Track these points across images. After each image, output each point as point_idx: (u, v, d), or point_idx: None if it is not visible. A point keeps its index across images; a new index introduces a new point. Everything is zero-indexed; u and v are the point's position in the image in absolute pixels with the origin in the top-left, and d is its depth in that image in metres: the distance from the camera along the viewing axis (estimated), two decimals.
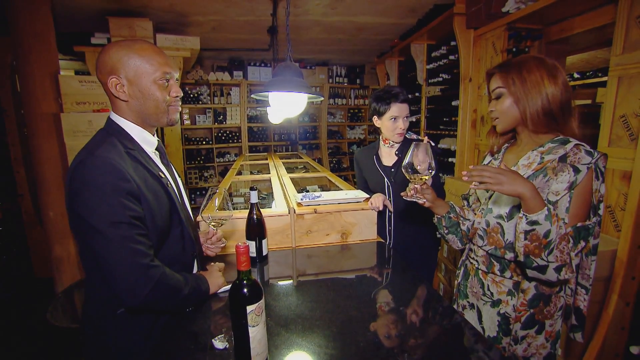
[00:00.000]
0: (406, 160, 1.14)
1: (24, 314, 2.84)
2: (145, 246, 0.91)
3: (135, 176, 0.93)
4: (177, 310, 1.05)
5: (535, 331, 1.10)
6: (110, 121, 1.02)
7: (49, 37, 2.45)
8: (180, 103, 1.10)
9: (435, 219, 1.32)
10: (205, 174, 5.30)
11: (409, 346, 0.90)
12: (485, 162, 1.30)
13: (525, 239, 0.95)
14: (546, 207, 0.93)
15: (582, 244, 0.98)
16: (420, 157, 1.12)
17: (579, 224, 0.98)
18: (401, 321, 1.02)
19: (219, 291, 1.15)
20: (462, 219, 1.29)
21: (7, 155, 3.35)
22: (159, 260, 0.96)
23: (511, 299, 1.12)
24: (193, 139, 5.17)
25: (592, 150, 0.99)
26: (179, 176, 1.21)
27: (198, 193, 5.22)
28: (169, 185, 1.05)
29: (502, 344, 1.15)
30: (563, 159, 1.01)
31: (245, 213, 1.46)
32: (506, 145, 1.23)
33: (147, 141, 1.06)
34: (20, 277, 3.30)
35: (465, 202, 1.36)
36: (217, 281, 1.15)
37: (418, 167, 1.12)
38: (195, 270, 1.18)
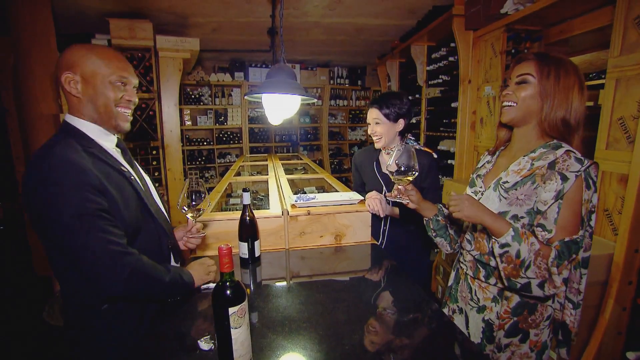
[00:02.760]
0: (390, 162, 1.17)
1: (24, 312, 2.86)
2: (116, 235, 0.91)
3: (97, 171, 0.93)
4: (161, 300, 1.05)
5: (519, 340, 1.08)
6: (65, 123, 1.02)
7: (49, 38, 2.48)
8: (131, 112, 1.09)
9: (425, 221, 1.32)
10: (207, 175, 5.32)
11: (394, 350, 0.90)
12: (482, 162, 1.29)
13: (502, 262, 0.97)
14: (511, 228, 0.94)
15: (572, 257, 0.96)
16: (404, 159, 1.15)
17: (567, 239, 0.94)
18: (389, 325, 1.01)
19: (202, 286, 1.16)
20: (449, 222, 1.29)
21: (9, 155, 3.39)
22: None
23: (495, 306, 1.11)
24: (194, 139, 5.20)
25: (582, 157, 0.95)
26: (146, 173, 1.23)
27: (198, 194, 5.22)
28: (133, 179, 1.05)
29: (486, 350, 1.14)
30: (552, 165, 0.97)
31: (238, 214, 1.45)
32: (501, 147, 1.22)
33: (105, 139, 1.06)
34: (21, 275, 3.32)
35: None
36: (201, 274, 1.14)
37: (402, 169, 1.15)
38: (172, 264, 1.18)
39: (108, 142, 1.07)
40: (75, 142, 0.97)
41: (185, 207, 1.21)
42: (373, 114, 1.66)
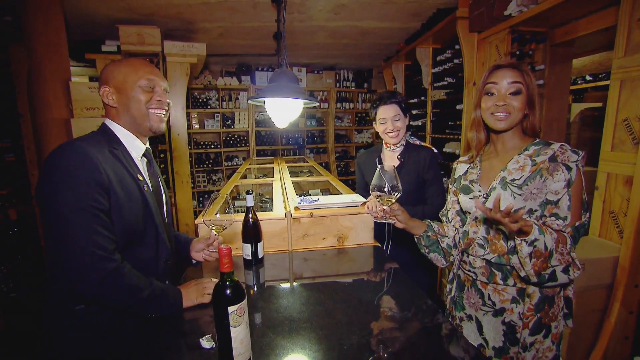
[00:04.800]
0: (373, 183, 1.19)
1: (35, 312, 2.93)
2: (103, 238, 0.93)
3: (111, 171, 0.98)
4: (138, 313, 1.03)
5: (542, 335, 1.09)
6: (103, 125, 1.11)
7: (61, 46, 2.55)
8: (165, 113, 1.15)
9: (416, 239, 1.33)
10: (214, 178, 5.38)
11: (392, 351, 0.90)
12: (460, 171, 1.30)
13: (531, 259, 0.97)
14: (534, 225, 0.95)
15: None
16: (387, 179, 1.16)
17: (577, 223, 1.02)
18: (388, 326, 1.02)
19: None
20: (440, 236, 1.30)
21: (23, 158, 3.48)
22: (126, 262, 0.99)
23: (516, 307, 1.11)
24: (202, 143, 5.26)
25: (575, 149, 1.04)
26: (165, 188, 1.26)
27: (206, 196, 5.30)
28: (147, 189, 1.09)
29: (510, 353, 1.13)
30: (553, 159, 1.04)
31: (243, 216, 1.48)
32: (480, 153, 1.23)
33: (135, 146, 1.12)
34: (33, 276, 3.40)
35: (445, 218, 1.36)
36: (192, 296, 1.09)
37: (385, 189, 1.16)
38: (168, 282, 1.18)
39: (136, 150, 1.13)
40: (106, 140, 1.05)
41: (211, 221, 1.24)
42: (393, 111, 1.66)
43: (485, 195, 1.14)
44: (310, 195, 2.57)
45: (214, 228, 1.24)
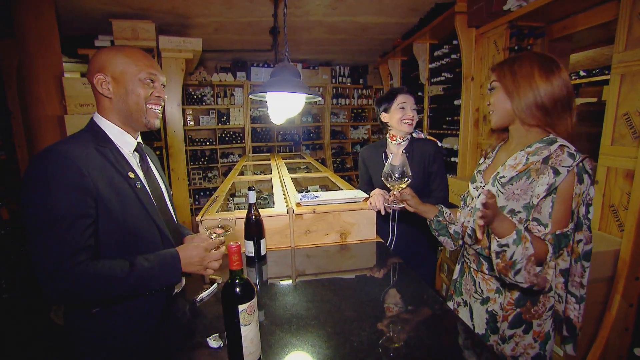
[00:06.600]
0: (385, 169, 1.23)
1: (31, 313, 2.88)
2: (74, 246, 0.87)
3: (97, 173, 0.93)
4: (132, 295, 0.99)
5: (522, 330, 1.09)
6: (91, 121, 1.06)
7: (53, 41, 2.49)
8: (160, 109, 1.12)
9: (427, 222, 1.37)
10: (209, 175, 5.33)
11: (403, 347, 0.90)
12: (480, 160, 1.30)
13: (497, 258, 0.98)
14: (515, 231, 0.93)
15: (564, 251, 0.99)
16: (398, 166, 1.22)
17: (558, 232, 0.97)
18: (397, 322, 1.02)
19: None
20: (448, 222, 1.32)
21: (14, 157, 3.41)
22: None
23: (498, 297, 1.13)
24: (197, 139, 5.21)
25: (575, 152, 0.97)
26: (164, 182, 1.22)
27: (202, 194, 5.25)
28: (139, 186, 1.04)
29: (490, 341, 1.15)
30: (546, 160, 0.99)
31: (243, 213, 1.46)
32: (501, 143, 1.23)
33: (125, 142, 1.07)
34: (27, 276, 3.34)
35: (463, 203, 1.36)
36: (192, 253, 1.04)
37: (397, 175, 1.22)
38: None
39: (127, 145, 1.08)
40: (92, 138, 1.00)
41: (210, 227, 1.20)
42: (411, 100, 1.70)
43: (484, 188, 1.15)
44: (309, 191, 2.55)
45: (214, 234, 1.17)
